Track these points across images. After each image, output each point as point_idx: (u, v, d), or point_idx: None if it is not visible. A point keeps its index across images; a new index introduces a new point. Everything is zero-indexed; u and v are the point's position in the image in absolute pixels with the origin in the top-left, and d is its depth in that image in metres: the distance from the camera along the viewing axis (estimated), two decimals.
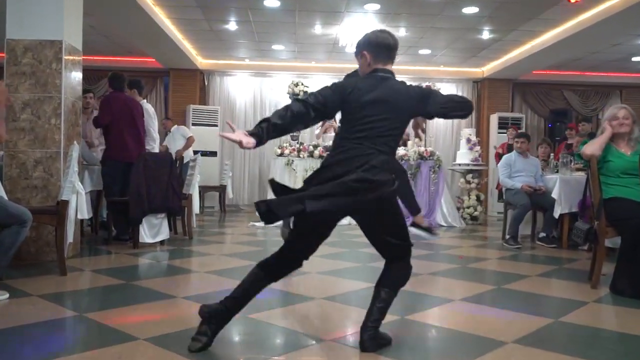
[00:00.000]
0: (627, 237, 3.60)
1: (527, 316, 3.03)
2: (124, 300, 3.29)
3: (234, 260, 4.80)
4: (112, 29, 8.68)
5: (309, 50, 9.96)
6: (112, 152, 5.69)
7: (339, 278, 4.11)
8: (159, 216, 5.57)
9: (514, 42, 9.17)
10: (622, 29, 7.76)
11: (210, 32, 8.95)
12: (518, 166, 6.35)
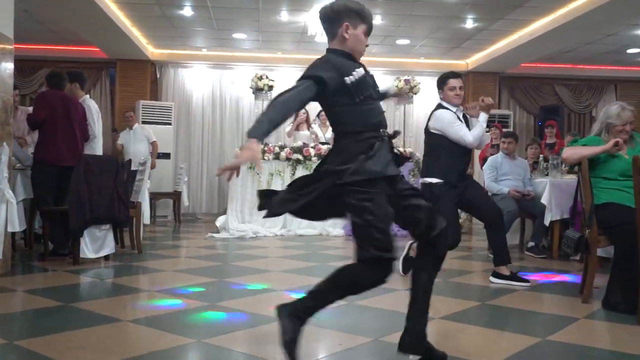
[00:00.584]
0: (621, 246, 3.69)
1: (513, 335, 3.09)
2: (61, 325, 3.23)
3: (189, 277, 4.76)
4: (49, 15, 8.54)
5: (275, 39, 9.98)
6: (41, 155, 5.60)
7: None
8: (102, 228, 5.49)
9: (500, 32, 9.34)
10: (617, 18, 7.97)
11: (162, 19, 8.88)
12: (505, 169, 6.45)
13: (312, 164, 8.09)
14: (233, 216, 8.13)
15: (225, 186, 10.00)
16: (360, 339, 3.01)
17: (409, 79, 9.58)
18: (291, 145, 8.46)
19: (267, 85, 9.33)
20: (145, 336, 3.06)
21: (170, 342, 2.92)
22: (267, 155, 8.27)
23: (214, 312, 3.61)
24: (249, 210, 8.12)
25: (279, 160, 8.27)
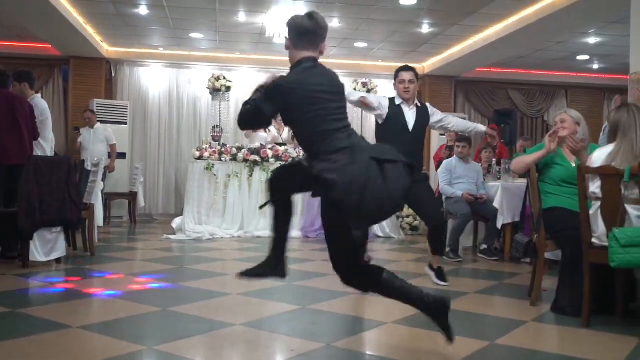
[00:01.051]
0: (567, 250, 3.80)
1: (463, 339, 3.12)
2: (7, 332, 3.13)
3: (143, 281, 4.69)
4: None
5: (233, 39, 9.92)
6: None
7: (263, 300, 4.10)
8: (54, 230, 5.36)
9: (455, 37, 9.50)
10: (566, 27, 8.20)
11: (117, 17, 8.72)
12: (459, 172, 6.55)
13: (269, 165, 8.06)
14: (190, 217, 8.03)
15: (182, 187, 9.89)
16: (312, 345, 3.01)
17: (366, 81, 9.65)
18: (248, 147, 8.40)
19: (225, 86, 9.28)
20: (96, 343, 3.00)
21: (122, 349, 2.86)
22: (224, 157, 8.20)
23: (167, 318, 3.57)
24: (206, 212, 8.04)
25: (237, 162, 8.21)
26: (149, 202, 11.00)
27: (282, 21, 8.30)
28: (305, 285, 4.63)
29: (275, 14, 8.26)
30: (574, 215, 3.63)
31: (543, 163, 4.05)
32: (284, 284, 4.72)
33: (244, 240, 7.59)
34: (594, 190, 3.43)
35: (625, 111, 3.45)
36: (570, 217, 3.72)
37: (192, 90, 11.37)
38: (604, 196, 3.34)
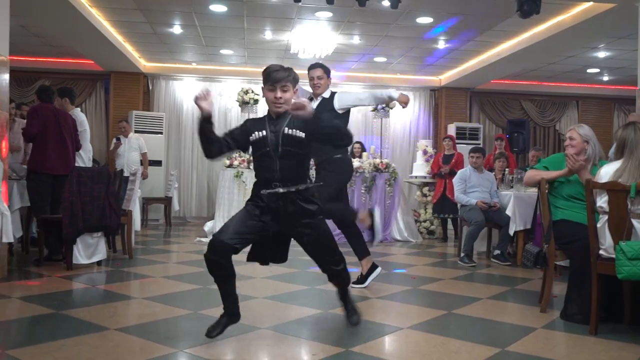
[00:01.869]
0: (575, 260, 3.75)
1: (474, 345, 3.11)
2: (52, 333, 3.20)
3: (177, 285, 4.75)
4: (45, 30, 8.47)
5: (260, 55, 9.98)
6: (34, 165, 5.60)
7: (288, 304, 4.12)
8: (95, 235, 5.46)
9: (470, 52, 9.44)
10: (576, 42, 8.11)
11: (153, 36, 8.85)
12: (473, 181, 6.52)
13: None
14: (220, 221, 8.08)
15: (214, 193, 9.97)
16: (333, 349, 3.02)
17: None
18: None
19: (253, 99, 9.33)
20: (132, 345, 3.03)
21: (156, 352, 2.90)
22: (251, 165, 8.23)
23: (198, 320, 3.60)
24: None
25: None
26: (183, 206, 11.13)
27: (306, 39, 8.37)
28: (327, 289, 4.62)
29: (300, 32, 8.31)
30: (582, 228, 3.59)
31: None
32: (307, 287, 4.76)
33: None
34: (601, 204, 3.39)
35: (632, 129, 3.40)
36: (579, 229, 3.67)
37: (222, 103, 11.46)
38: (611, 210, 3.29)
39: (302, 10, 7.37)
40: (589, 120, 12.02)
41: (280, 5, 7.16)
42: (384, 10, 7.09)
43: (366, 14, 7.39)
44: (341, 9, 7.20)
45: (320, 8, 7.21)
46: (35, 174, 5.57)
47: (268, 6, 7.26)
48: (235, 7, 7.33)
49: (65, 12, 6.99)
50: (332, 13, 7.45)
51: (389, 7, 5.73)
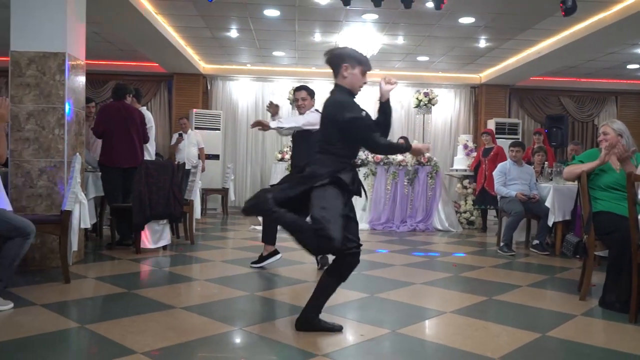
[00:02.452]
0: (614, 251, 3.62)
1: (515, 330, 3.05)
2: (124, 310, 3.31)
3: (234, 267, 4.84)
4: (116, 36, 8.72)
5: (309, 56, 9.98)
6: (103, 159, 5.77)
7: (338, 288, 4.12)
8: (161, 222, 5.62)
9: (510, 50, 9.18)
10: (616, 39, 7.77)
11: (212, 39, 8.98)
12: (513, 174, 6.38)
13: None
14: None
15: (266, 184, 10.08)
16: (380, 330, 3.02)
17: (427, 91, 9.52)
18: None
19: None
20: (195, 322, 3.11)
21: (216, 329, 2.97)
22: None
23: (253, 301, 3.66)
24: None
25: None
26: (238, 196, 11.27)
27: (353, 40, 8.32)
28: (374, 275, 4.62)
29: (347, 34, 8.27)
30: (622, 219, 3.48)
31: (594, 170, 3.87)
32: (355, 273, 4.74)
33: None
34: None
35: None
36: (618, 220, 3.56)
37: (274, 101, 11.49)
38: None
39: (349, 13, 7.33)
40: (628, 115, 11.53)
41: (329, 8, 7.14)
42: (428, 11, 6.98)
43: (410, 16, 7.28)
44: (387, 11, 7.11)
45: (367, 10, 7.16)
46: (106, 167, 5.74)
47: (318, 10, 7.25)
48: (288, 12, 7.36)
49: (133, 20, 7.17)
50: (377, 15, 7.38)
51: (432, 8, 5.63)
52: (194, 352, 2.60)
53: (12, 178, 4.70)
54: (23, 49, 4.72)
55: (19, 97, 4.71)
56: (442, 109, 11.23)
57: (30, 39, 4.72)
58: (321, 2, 6.93)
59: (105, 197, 5.94)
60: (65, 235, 3.98)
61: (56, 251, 4.49)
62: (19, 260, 3.35)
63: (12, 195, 4.61)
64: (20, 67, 4.71)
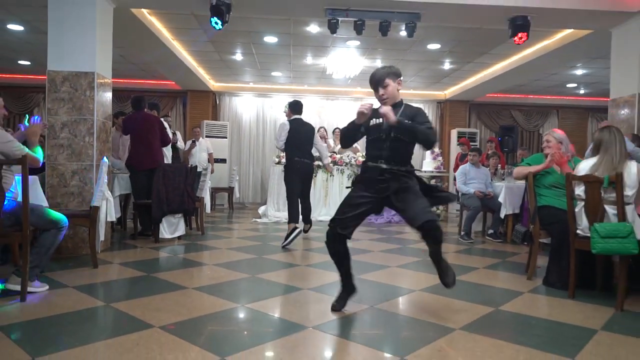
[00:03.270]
0: (555, 238, 3.65)
1: (474, 305, 3.06)
2: (144, 291, 3.28)
3: (239, 254, 4.80)
4: (138, 58, 8.65)
5: (302, 76, 9.96)
6: (129, 162, 5.73)
7: (325, 270, 4.12)
8: (176, 216, 5.57)
9: (470, 71, 9.21)
10: (558, 63, 7.81)
11: (220, 62, 8.93)
12: (471, 175, 6.39)
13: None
14: (271, 206, 8.15)
15: (266, 183, 10.04)
16: (360, 306, 3.00)
17: None
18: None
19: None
20: (205, 301, 3.08)
21: (223, 306, 2.95)
22: None
23: (255, 282, 3.64)
24: (283, 202, 8.12)
25: None
26: (242, 194, 11.23)
27: (339, 62, 8.31)
28: (355, 260, 4.58)
29: (334, 57, 8.26)
30: (562, 212, 3.50)
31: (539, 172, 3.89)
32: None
33: None
34: (579, 192, 3.27)
35: (607, 132, 3.27)
36: (559, 213, 3.58)
37: (273, 114, 11.50)
38: (587, 198, 3.18)
39: (336, 40, 7.32)
40: (567, 126, 11.62)
41: (319, 36, 7.12)
42: (401, 39, 6.98)
43: (387, 42, 7.29)
44: (367, 39, 7.13)
45: (350, 38, 7.15)
46: (131, 169, 5.69)
47: (309, 37, 7.23)
48: (284, 39, 7.33)
49: (153, 45, 7.11)
50: (359, 42, 7.37)
51: (405, 36, 5.63)
52: (204, 326, 2.58)
53: (48, 179, 4.64)
54: (58, 69, 4.67)
55: (55, 110, 4.65)
56: None
57: (65, 60, 4.67)
58: (312, 31, 6.91)
59: (132, 194, 5.87)
60: (93, 227, 3.93)
61: (86, 241, 4.44)
62: (53, 249, 3.31)
63: (48, 193, 4.56)
64: (55, 84, 4.66)
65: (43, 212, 3.27)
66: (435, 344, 2.37)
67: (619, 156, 3.15)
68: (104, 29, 4.92)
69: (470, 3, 5.11)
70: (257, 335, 2.47)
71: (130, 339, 2.34)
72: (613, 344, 2.44)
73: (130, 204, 6.19)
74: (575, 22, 5.66)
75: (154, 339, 2.36)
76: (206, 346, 2.27)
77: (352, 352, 2.27)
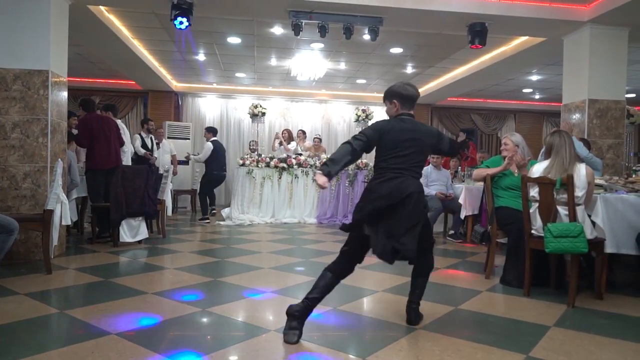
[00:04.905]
0: (512, 238, 3.76)
1: (434, 304, 3.11)
2: (101, 297, 3.17)
3: (200, 258, 4.72)
4: (97, 57, 8.37)
5: (267, 77, 9.92)
6: (89, 163, 5.54)
7: (288, 273, 4.11)
8: (137, 219, 5.42)
9: (431, 75, 9.42)
10: (514, 68, 8.11)
11: (182, 62, 8.77)
12: (433, 177, 6.51)
13: (293, 171, 8.07)
14: (235, 208, 8.05)
15: (230, 185, 9.91)
16: (324, 308, 3.00)
17: (365, 108, 9.63)
18: (278, 157, 8.40)
19: (261, 112, 9.28)
20: (166, 306, 3.02)
21: (185, 310, 2.89)
22: (260, 164, 8.21)
23: (217, 286, 3.58)
24: (247, 204, 8.05)
25: (269, 168, 8.21)
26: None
27: (303, 64, 8.32)
28: (319, 261, 4.61)
29: (298, 59, 8.26)
30: (518, 213, 3.61)
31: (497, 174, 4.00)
32: (303, 259, 4.74)
33: (275, 226, 7.59)
34: (533, 194, 3.39)
35: (557, 136, 3.40)
36: (515, 214, 3.69)
37: (237, 115, 11.39)
38: (541, 199, 3.30)
39: (300, 42, 7.32)
40: (524, 129, 12.05)
41: (283, 38, 7.11)
42: (365, 42, 7.07)
43: (350, 45, 7.35)
44: (331, 41, 7.16)
45: (315, 40, 7.17)
46: (90, 171, 5.51)
47: (273, 38, 7.20)
48: (248, 40, 7.27)
49: (112, 43, 6.91)
50: (323, 44, 7.41)
51: (369, 39, 5.70)
52: (165, 332, 2.52)
53: None
54: (9, 66, 4.46)
55: (5, 109, 4.45)
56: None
57: (16, 57, 4.47)
58: (276, 32, 6.89)
59: (88, 196, 5.68)
60: (47, 231, 3.78)
61: (39, 245, 4.27)
62: (3, 254, 3.16)
63: None
64: (6, 82, 4.45)
65: None
66: (397, 343, 2.40)
67: (569, 158, 3.29)
68: (59, 25, 4.74)
69: (431, 9, 5.23)
70: (219, 340, 2.44)
71: (86, 347, 2.26)
72: (565, 339, 2.54)
73: (88, 207, 5.98)
74: (530, 30, 5.89)
75: (111, 346, 2.29)
76: (167, 352, 2.22)
77: (314, 355, 2.27)
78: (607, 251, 3.30)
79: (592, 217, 3.34)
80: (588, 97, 5.46)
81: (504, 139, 4.05)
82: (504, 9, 5.32)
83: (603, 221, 3.30)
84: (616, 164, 5.54)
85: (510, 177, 3.93)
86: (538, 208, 3.33)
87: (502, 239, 4.12)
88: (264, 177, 8.17)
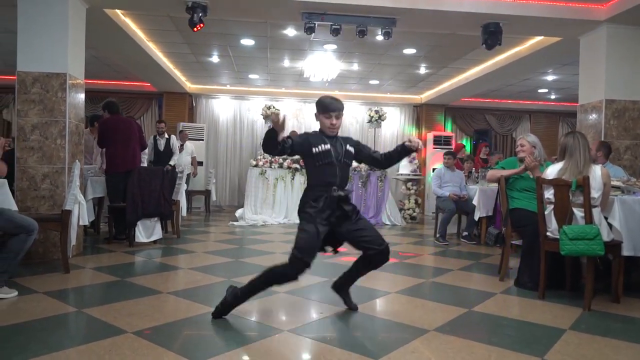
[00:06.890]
0: (527, 240, 3.74)
1: (447, 306, 3.10)
2: (117, 296, 3.22)
3: (214, 258, 4.76)
4: (113, 60, 8.49)
5: (280, 79, 9.95)
6: (109, 165, 5.60)
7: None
8: (152, 219, 5.48)
9: (445, 76, 9.36)
10: (529, 68, 8.02)
11: (196, 64, 8.85)
12: (446, 178, 6.49)
13: None
14: (248, 209, 8.10)
15: (243, 186, 9.98)
16: (336, 309, 3.02)
17: (378, 109, 9.61)
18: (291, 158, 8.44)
19: (274, 113, 9.31)
20: (180, 305, 3.05)
21: (198, 310, 2.92)
22: (273, 165, 8.25)
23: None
24: (260, 205, 8.10)
25: (282, 169, 8.26)
26: (219, 197, 11.14)
27: (316, 66, 8.34)
28: (333, 262, 4.63)
29: (311, 61, 8.28)
30: (533, 214, 3.58)
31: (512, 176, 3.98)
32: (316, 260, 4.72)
33: (288, 226, 7.62)
34: (548, 196, 3.36)
35: (572, 137, 3.37)
36: (530, 215, 3.66)
37: (250, 116, 11.45)
38: (556, 201, 3.27)
39: (313, 43, 7.34)
40: (539, 130, 11.91)
41: (296, 39, 7.13)
42: (378, 43, 7.06)
43: (364, 46, 7.35)
44: (344, 42, 7.16)
45: (328, 41, 7.18)
46: (110, 174, 5.58)
47: (286, 40, 7.23)
48: (261, 41, 7.31)
49: (128, 46, 7.00)
50: (336, 45, 7.41)
51: (382, 40, 5.69)
52: (180, 331, 2.55)
53: (17, 182, 4.52)
54: (28, 70, 4.56)
55: (25, 112, 4.54)
56: (390, 123, 11.37)
57: (35, 60, 4.56)
58: (289, 34, 6.91)
59: (108, 196, 5.74)
60: (65, 231, 3.85)
61: (58, 245, 4.34)
62: (23, 254, 3.23)
63: (18, 196, 4.44)
64: (25, 85, 4.55)
65: (12, 216, 3.19)
66: (410, 345, 2.40)
67: (584, 160, 3.25)
68: (77, 29, 4.82)
69: (444, 9, 5.20)
70: (232, 340, 2.46)
71: (103, 346, 2.30)
72: (580, 343, 2.51)
73: (105, 208, 6.07)
74: (545, 30, 5.83)
75: (127, 344, 2.33)
76: (181, 351, 2.25)
77: (327, 355, 2.28)
78: (624, 254, 3.25)
79: (608, 219, 3.30)
80: (605, 98, 5.38)
81: (520, 140, 4.02)
82: (519, 8, 5.27)
83: (620, 223, 3.26)
84: (634, 165, 5.45)
85: (526, 179, 3.90)
86: (553, 210, 3.29)
87: (516, 240, 4.09)
88: (277, 177, 8.21)
